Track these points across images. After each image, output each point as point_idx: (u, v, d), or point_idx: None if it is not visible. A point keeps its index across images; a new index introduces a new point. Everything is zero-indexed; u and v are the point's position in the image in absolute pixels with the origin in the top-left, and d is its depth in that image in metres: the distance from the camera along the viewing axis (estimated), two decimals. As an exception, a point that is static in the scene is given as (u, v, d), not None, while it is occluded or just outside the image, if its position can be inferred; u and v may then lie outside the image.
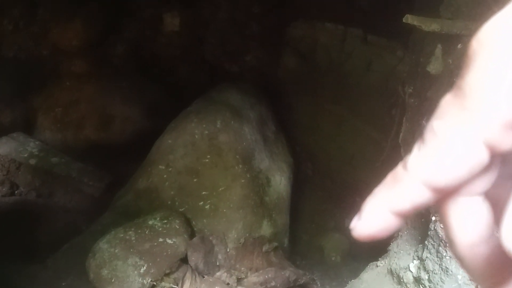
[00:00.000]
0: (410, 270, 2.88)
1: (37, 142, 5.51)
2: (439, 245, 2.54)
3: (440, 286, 2.52)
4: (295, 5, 6.17)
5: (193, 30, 6.58)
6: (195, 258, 3.90)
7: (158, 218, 4.02)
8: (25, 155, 5.26)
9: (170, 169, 4.53)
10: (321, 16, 5.71)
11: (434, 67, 2.87)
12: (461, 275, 2.39)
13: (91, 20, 5.98)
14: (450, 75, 2.70)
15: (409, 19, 2.59)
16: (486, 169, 0.35)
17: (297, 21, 5.97)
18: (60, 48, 5.89)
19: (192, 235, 4.10)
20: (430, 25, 2.58)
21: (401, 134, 3.60)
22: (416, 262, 2.86)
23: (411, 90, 3.60)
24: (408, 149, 3.37)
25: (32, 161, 5.23)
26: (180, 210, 4.30)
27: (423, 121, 3.07)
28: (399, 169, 0.38)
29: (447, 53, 2.79)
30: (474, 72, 0.33)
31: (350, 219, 0.40)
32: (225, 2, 6.48)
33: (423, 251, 2.73)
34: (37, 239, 4.58)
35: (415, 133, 3.28)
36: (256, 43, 6.53)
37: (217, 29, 6.61)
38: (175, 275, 3.70)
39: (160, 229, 3.91)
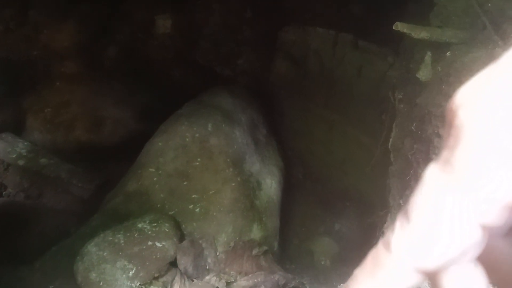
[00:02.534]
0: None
1: (26, 143, 5.46)
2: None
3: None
4: (287, 10, 6.20)
5: (186, 33, 6.58)
6: (184, 262, 3.89)
7: (147, 221, 4.00)
8: (14, 156, 5.21)
9: (160, 172, 4.51)
10: (313, 21, 5.75)
11: (423, 73, 2.90)
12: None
13: (83, 22, 5.96)
14: (439, 82, 2.73)
15: (399, 26, 2.62)
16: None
17: (289, 25, 6.00)
18: (52, 50, 5.86)
19: (181, 238, 4.09)
20: (419, 33, 2.61)
21: (391, 140, 3.63)
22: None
23: (401, 96, 3.63)
24: (397, 155, 3.40)
25: (21, 162, 5.19)
26: (170, 213, 4.28)
27: (413, 128, 3.10)
28: (380, 250, 0.34)
29: (437, 60, 2.82)
30: (465, 148, 0.30)
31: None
32: (217, 6, 6.49)
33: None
34: (25, 241, 4.53)
35: (405, 139, 3.31)
36: (248, 47, 6.55)
37: (210, 32, 6.62)
38: (164, 279, 3.69)
39: (150, 232, 3.89)
